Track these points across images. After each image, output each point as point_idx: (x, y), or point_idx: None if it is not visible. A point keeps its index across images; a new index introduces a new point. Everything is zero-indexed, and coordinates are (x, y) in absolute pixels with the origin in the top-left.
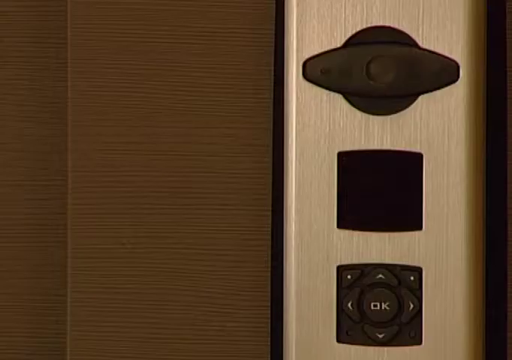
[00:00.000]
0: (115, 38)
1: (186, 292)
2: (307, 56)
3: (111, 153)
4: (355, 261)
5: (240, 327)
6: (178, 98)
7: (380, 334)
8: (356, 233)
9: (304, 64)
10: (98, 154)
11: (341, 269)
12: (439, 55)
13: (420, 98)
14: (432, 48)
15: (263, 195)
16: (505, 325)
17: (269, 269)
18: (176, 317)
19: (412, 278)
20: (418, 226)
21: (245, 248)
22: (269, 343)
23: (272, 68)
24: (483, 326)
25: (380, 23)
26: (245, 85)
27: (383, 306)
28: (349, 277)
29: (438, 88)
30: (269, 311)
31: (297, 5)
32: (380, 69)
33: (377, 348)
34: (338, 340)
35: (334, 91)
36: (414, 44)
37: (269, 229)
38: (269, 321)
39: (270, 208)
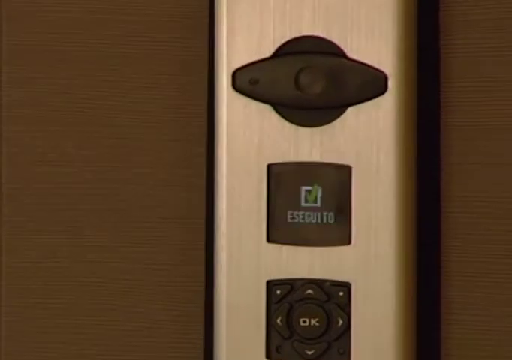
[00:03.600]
0: (50, 47)
1: (118, 306)
2: (236, 66)
3: (45, 165)
4: (285, 276)
5: (173, 342)
6: (110, 108)
7: (309, 350)
8: (286, 247)
9: (233, 75)
10: (32, 166)
11: (270, 284)
12: (367, 66)
13: (349, 110)
14: (360, 59)
15: (199, 208)
16: (438, 339)
17: (204, 283)
18: (107, 333)
19: (341, 293)
20: (347, 241)
21: (180, 262)
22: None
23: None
24: (415, 342)
25: (310, 33)
26: (181, 96)
27: (312, 322)
28: (278, 292)
29: (367, 99)
30: (204, 325)
31: (227, 15)
32: (308, 80)
33: None
34: (268, 357)
35: (263, 101)
36: (343, 55)
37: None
38: (204, 335)
39: (204, 222)
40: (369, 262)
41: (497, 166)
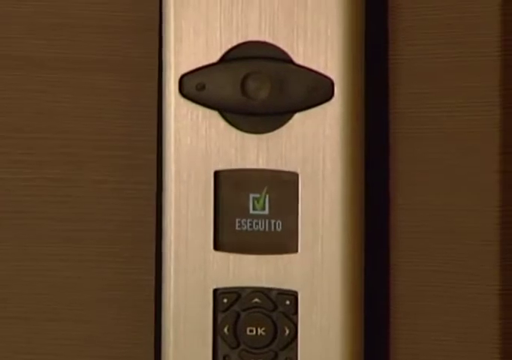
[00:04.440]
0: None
1: (68, 315)
2: (183, 71)
3: None
4: (231, 284)
5: (124, 352)
6: (61, 113)
7: None
8: (233, 256)
9: (180, 80)
10: None
11: (217, 292)
12: (314, 72)
13: (296, 116)
14: (307, 64)
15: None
16: (386, 347)
17: (154, 291)
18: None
19: (288, 302)
20: (294, 249)
21: (129, 272)
22: None
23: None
24: (362, 350)
25: (256, 38)
26: (132, 102)
27: (259, 331)
28: (225, 300)
29: (313, 105)
30: (154, 336)
31: (174, 20)
32: (254, 85)
33: None
34: None
35: (210, 107)
36: (289, 60)
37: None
38: (154, 347)
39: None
40: (316, 271)
41: (443, 173)
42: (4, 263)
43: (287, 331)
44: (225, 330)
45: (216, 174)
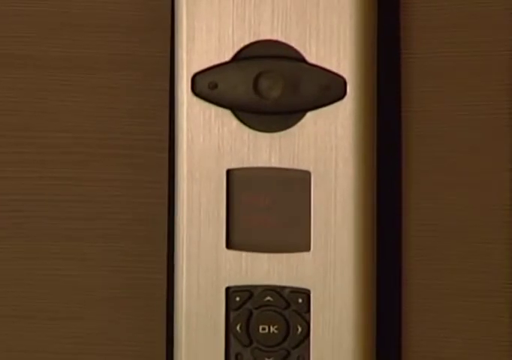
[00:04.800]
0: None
1: (77, 314)
2: (196, 70)
3: None
4: (244, 282)
5: (135, 350)
6: (70, 111)
7: (268, 358)
8: (245, 254)
9: (193, 79)
10: None
11: (230, 291)
12: (326, 70)
13: (308, 115)
14: (319, 63)
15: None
16: (398, 346)
17: (166, 290)
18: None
19: (300, 301)
20: (306, 247)
21: (136, 275)
22: None
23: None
24: (374, 348)
25: (269, 37)
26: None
27: (271, 329)
28: (237, 298)
29: (326, 104)
30: (166, 336)
31: (187, 19)
32: (267, 84)
33: None
34: None
35: (222, 106)
36: (302, 59)
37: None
38: (165, 348)
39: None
40: (329, 269)
41: (455, 171)
42: (13, 261)
43: (300, 330)
44: (237, 328)
45: (228, 172)
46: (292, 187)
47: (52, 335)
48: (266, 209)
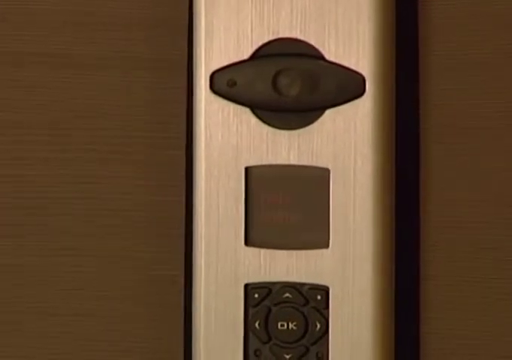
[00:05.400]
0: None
1: (94, 310)
2: (214, 68)
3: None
4: (263, 279)
5: (151, 347)
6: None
7: (287, 354)
8: (264, 251)
9: (211, 77)
10: None
11: (248, 288)
12: (345, 68)
13: (327, 112)
14: (338, 61)
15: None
16: (417, 342)
17: (183, 288)
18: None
19: (319, 297)
20: (325, 244)
21: (153, 273)
22: None
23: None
24: (393, 345)
25: (287, 35)
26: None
27: (290, 326)
28: (256, 295)
29: (345, 102)
30: (183, 332)
31: (205, 17)
32: (286, 82)
33: None
34: None
35: (241, 104)
36: (321, 57)
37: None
38: (183, 344)
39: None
40: (347, 266)
41: (474, 168)
42: (34, 258)
43: (319, 326)
44: (256, 325)
45: (247, 170)
46: (311, 185)
47: (72, 332)
48: (285, 206)
